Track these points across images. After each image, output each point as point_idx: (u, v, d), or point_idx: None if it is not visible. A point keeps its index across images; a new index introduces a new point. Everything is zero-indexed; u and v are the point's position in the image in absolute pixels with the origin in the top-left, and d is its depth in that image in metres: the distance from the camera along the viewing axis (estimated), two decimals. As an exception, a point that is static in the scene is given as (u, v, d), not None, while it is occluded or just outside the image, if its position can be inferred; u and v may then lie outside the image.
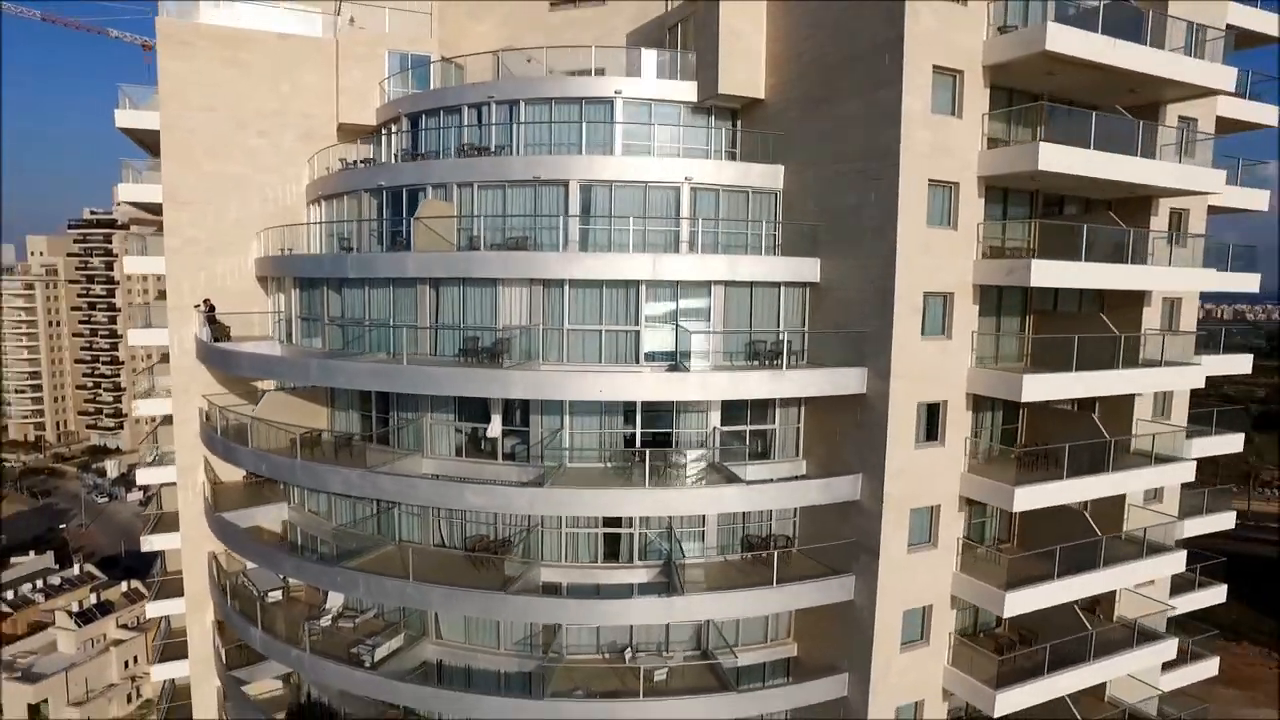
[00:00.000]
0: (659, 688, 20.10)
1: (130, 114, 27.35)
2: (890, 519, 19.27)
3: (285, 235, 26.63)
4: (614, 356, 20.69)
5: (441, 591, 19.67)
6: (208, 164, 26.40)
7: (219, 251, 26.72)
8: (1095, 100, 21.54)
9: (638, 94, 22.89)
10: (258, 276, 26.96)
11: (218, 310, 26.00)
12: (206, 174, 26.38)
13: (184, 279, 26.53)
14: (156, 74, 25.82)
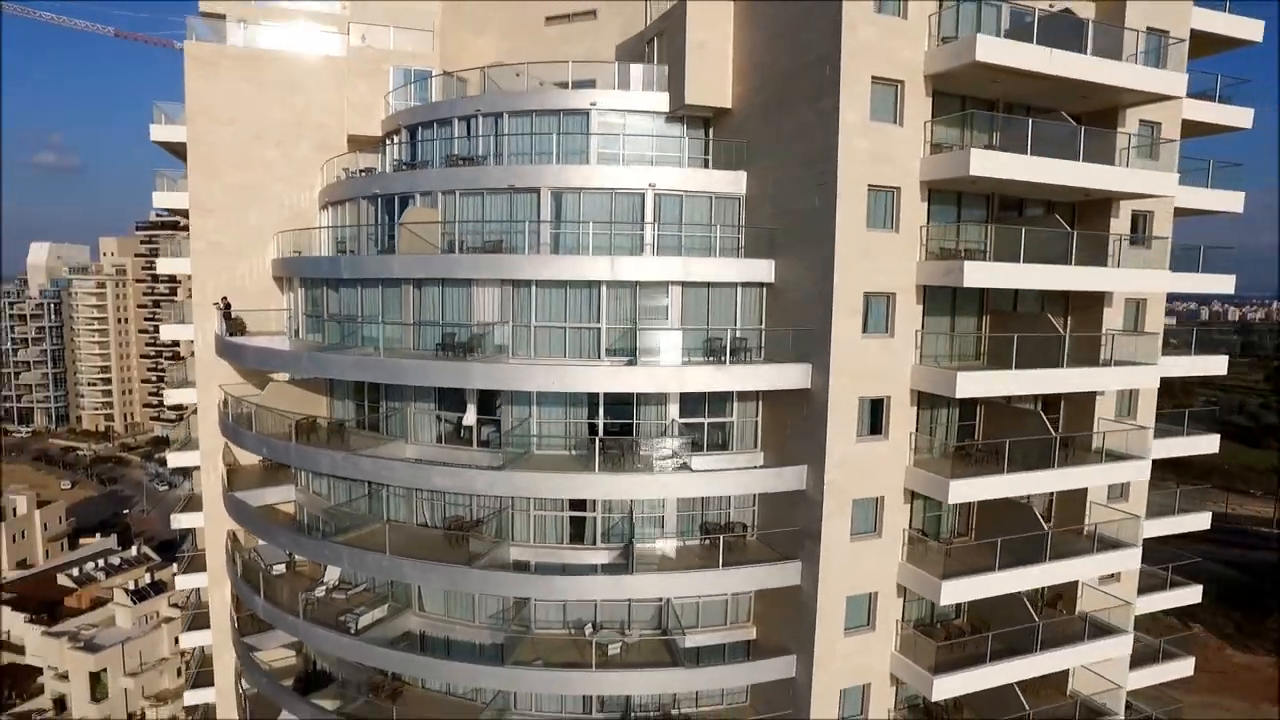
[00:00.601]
0: (614, 661, 21.48)
1: (164, 128, 29.90)
2: (831, 508, 20.27)
3: (297, 238, 28.81)
4: (578, 352, 22.14)
5: (412, 564, 21.47)
6: (229, 174, 28.72)
7: (239, 254, 29.04)
8: (1053, 104, 22.15)
9: (612, 105, 24.27)
10: (274, 276, 29.19)
11: (234, 308, 28.31)
12: (228, 183, 28.71)
13: (208, 279, 28.93)
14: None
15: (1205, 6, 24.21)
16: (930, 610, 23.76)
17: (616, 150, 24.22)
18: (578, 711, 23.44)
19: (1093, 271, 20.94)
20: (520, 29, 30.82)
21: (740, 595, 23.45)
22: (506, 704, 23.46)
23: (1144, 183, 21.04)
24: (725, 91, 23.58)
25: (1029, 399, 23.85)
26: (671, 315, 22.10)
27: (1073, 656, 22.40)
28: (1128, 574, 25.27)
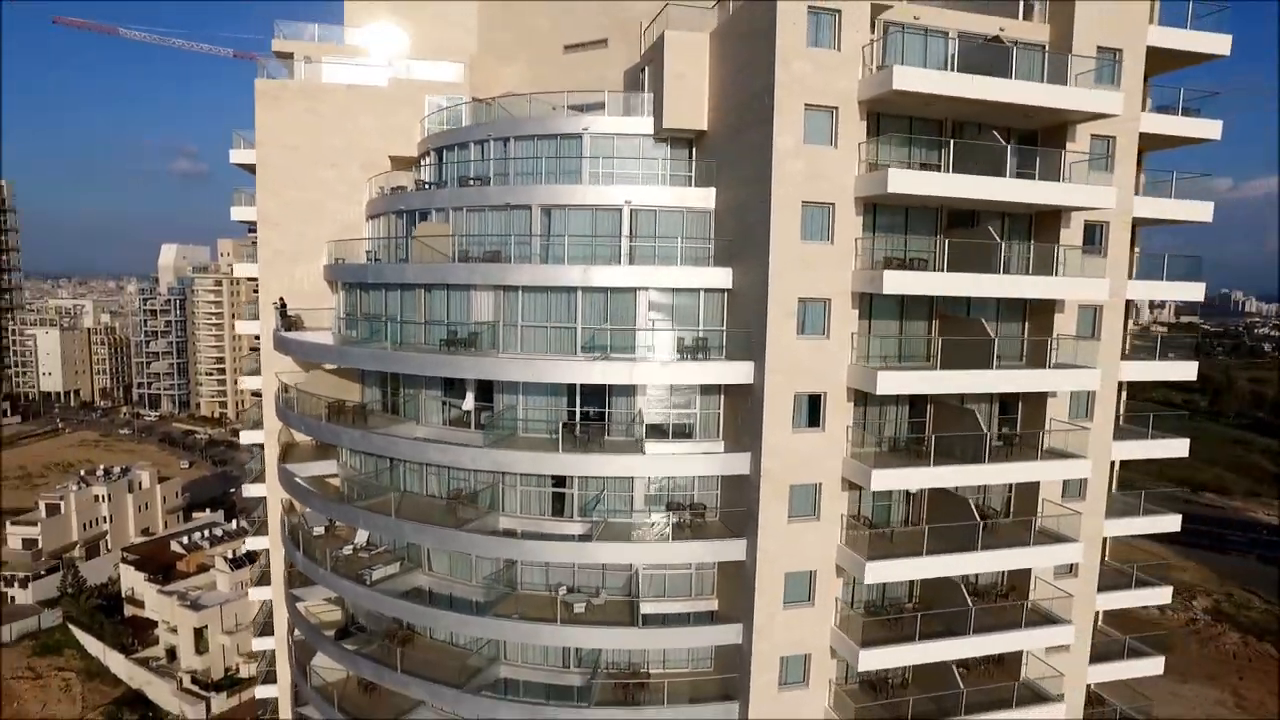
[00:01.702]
0: (580, 618, 24.49)
1: (240, 152, 34.81)
2: (768, 491, 22.61)
3: (343, 247, 33.14)
4: (558, 348, 25.24)
5: (413, 526, 25.19)
6: (291, 191, 33.29)
7: (298, 260, 33.60)
8: (1001, 123, 23.81)
9: (603, 130, 27.22)
10: (325, 280, 33.65)
11: (291, 307, 32.89)
12: (290, 199, 33.29)
13: (272, 281, 33.64)
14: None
15: (1203, 11, 24.93)
16: (881, 593, 25.67)
17: (609, 170, 27.16)
18: (557, 665, 26.59)
19: (1017, 279, 22.49)
20: (542, 57, 34.19)
21: (704, 571, 25.98)
22: (497, 654, 26.89)
23: (1070, 196, 22.38)
24: (701, 116, 26.08)
25: (983, 399, 25.45)
26: (639, 317, 24.86)
27: (1006, 641, 23.88)
28: (1086, 571, 26.29)
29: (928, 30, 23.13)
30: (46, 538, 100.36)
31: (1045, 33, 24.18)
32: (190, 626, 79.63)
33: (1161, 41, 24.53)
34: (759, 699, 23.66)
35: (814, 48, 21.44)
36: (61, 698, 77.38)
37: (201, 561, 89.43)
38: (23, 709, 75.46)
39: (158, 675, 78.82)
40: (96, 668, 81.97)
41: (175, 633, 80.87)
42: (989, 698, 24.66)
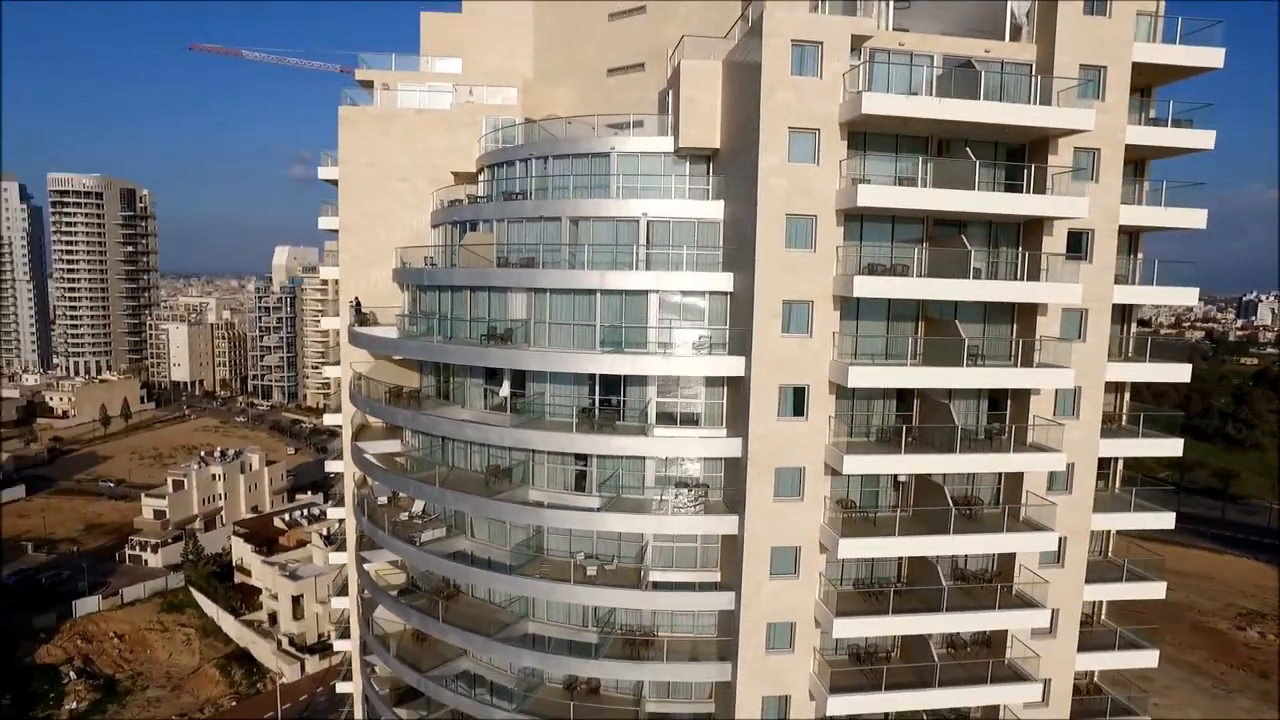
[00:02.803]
0: (593, 580, 27.80)
1: (327, 169, 39.89)
2: (754, 472, 25.29)
3: (410, 253, 37.62)
4: (581, 343, 28.60)
5: (453, 495, 29.17)
6: (367, 203, 38.08)
7: (373, 264, 38.32)
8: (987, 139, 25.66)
9: (628, 149, 30.38)
10: (394, 281, 38.24)
11: (365, 305, 37.62)
12: (366, 210, 38.08)
13: (351, 283, 38.52)
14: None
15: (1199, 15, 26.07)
16: (870, 572, 27.85)
17: (632, 184, 30.32)
18: (578, 625, 29.98)
19: (985, 284, 24.42)
20: (589, 81, 37.78)
21: (709, 546, 28.76)
22: (526, 611, 30.54)
23: (1037, 206, 24.16)
24: (714, 136, 28.83)
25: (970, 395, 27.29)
26: (650, 317, 27.92)
27: (979, 620, 25.74)
28: (1073, 561, 27.60)
29: (912, 55, 25.25)
30: (173, 510, 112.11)
31: (1032, 52, 25.79)
32: (289, 595, 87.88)
33: (1149, 58, 25.67)
34: (747, 660, 26.35)
35: (798, 76, 23.97)
36: (183, 649, 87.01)
37: (300, 537, 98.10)
38: (153, 655, 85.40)
39: (261, 636, 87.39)
40: (211, 626, 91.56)
41: (276, 599, 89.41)
42: (969, 674, 26.43)
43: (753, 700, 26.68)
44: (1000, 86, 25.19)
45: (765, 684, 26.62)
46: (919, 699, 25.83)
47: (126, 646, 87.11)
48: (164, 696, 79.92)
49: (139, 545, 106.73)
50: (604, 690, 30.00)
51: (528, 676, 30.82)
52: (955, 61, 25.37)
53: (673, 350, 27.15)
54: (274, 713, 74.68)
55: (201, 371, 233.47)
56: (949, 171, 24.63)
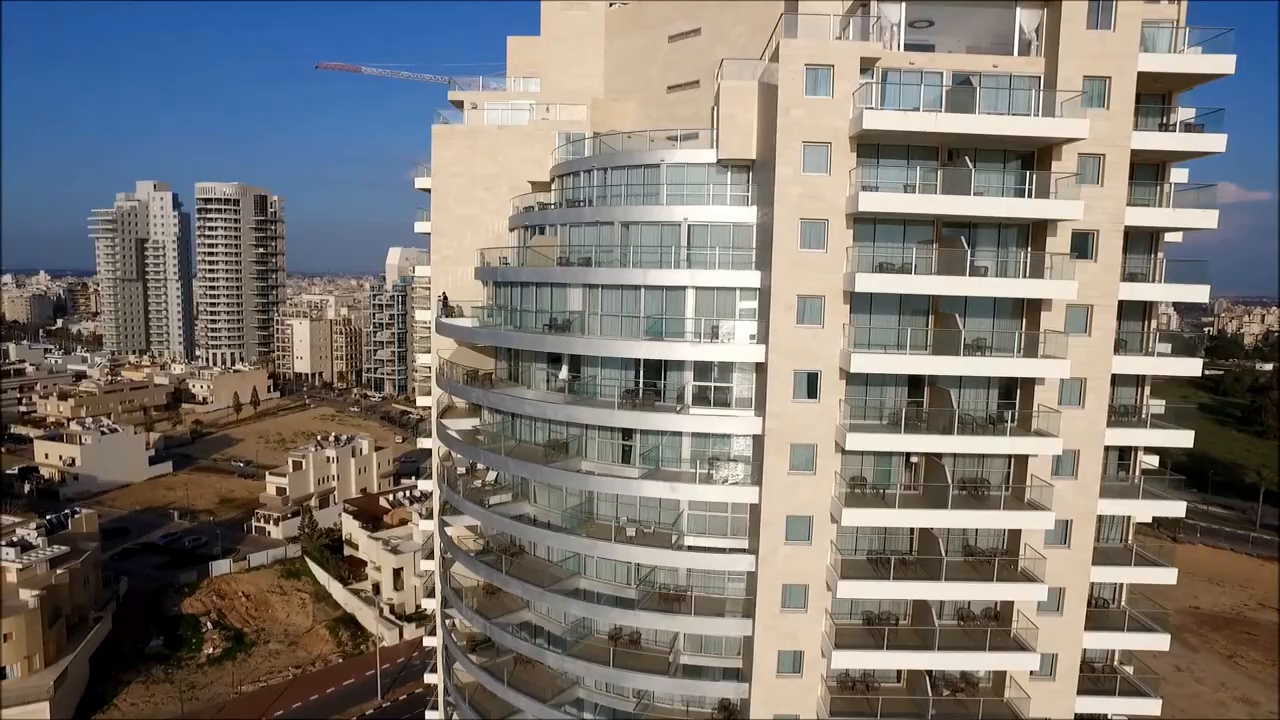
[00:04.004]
0: (632, 540, 31.63)
1: (421, 179, 45.49)
2: (771, 447, 28.47)
3: (488, 253, 42.58)
4: (628, 333, 32.44)
5: (516, 463, 33.71)
6: (455, 209, 43.32)
7: (460, 263, 43.54)
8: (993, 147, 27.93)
9: (676, 160, 34.08)
10: (476, 278, 43.31)
11: (451, 299, 42.85)
12: (455, 215, 43.33)
13: (440, 280, 43.89)
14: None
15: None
16: (883, 544, 30.41)
17: (679, 192, 33.96)
18: (621, 582, 33.88)
19: (979, 280, 26.63)
20: (651, 96, 41.76)
21: (739, 517, 31.96)
22: (578, 569, 34.74)
23: (1027, 209, 26.34)
24: (750, 148, 32.00)
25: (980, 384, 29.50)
26: (688, 309, 31.45)
27: (973, 590, 27.95)
28: (1079, 543, 29.23)
29: (923, 73, 27.78)
30: (292, 488, 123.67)
31: (1040, 66, 27.78)
32: (390, 567, 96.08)
33: (1155, 67, 27.20)
34: (764, 617, 29.53)
35: (811, 96, 27.03)
36: (299, 611, 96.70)
37: (402, 516, 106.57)
38: (273, 614, 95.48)
39: (365, 604, 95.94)
40: (322, 592, 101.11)
41: (379, 571, 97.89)
42: (971, 641, 28.65)
43: (769, 653, 29.83)
44: (1009, 99, 27.36)
45: (780, 639, 29.71)
46: (920, 659, 28.30)
47: (252, 605, 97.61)
48: (282, 650, 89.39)
49: (263, 518, 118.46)
50: (643, 642, 33.77)
51: (577, 626, 34.98)
52: (963, 77, 27.71)
53: (703, 338, 30.61)
54: (374, 671, 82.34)
55: (321, 364, 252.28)
56: (953, 179, 27.03)
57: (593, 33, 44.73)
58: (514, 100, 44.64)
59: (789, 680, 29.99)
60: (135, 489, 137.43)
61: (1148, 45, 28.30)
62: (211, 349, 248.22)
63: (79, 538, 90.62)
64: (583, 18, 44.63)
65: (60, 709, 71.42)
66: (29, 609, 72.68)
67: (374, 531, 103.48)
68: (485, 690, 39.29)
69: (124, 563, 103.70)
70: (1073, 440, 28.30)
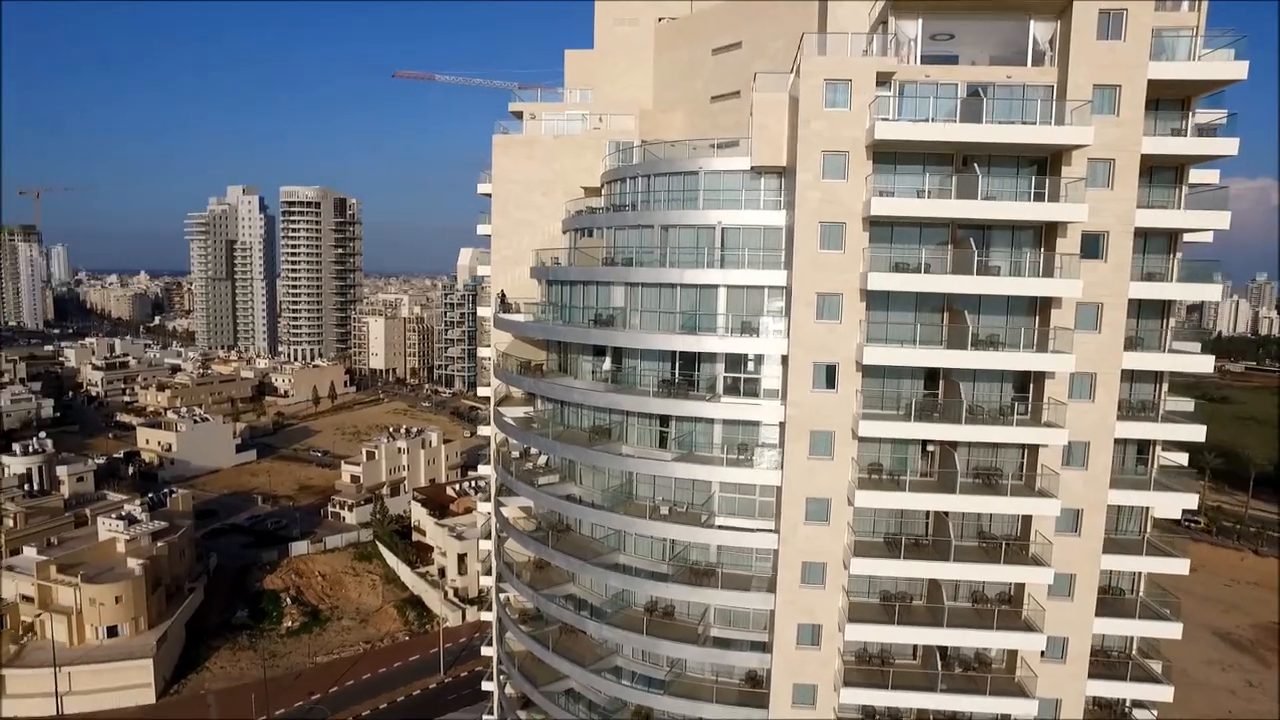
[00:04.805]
0: (666, 518, 34.35)
1: (484, 185, 49.17)
2: (792, 433, 30.78)
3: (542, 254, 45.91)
4: (665, 328, 35.16)
5: (561, 445, 36.86)
6: (514, 213, 46.84)
7: (517, 263, 47.05)
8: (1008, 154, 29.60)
9: (713, 167, 36.61)
10: (531, 277, 46.72)
11: (509, 297, 46.40)
12: (513, 218, 46.87)
13: (499, 279, 47.50)
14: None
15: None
16: (900, 526, 32.28)
17: (716, 197, 36.48)
18: (658, 557, 36.61)
19: (984, 279, 28.34)
20: (696, 107, 44.47)
21: (766, 500, 34.32)
22: (618, 545, 37.66)
23: (1029, 212, 27.94)
24: (780, 156, 34.21)
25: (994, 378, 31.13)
26: (720, 306, 33.98)
27: (980, 572, 29.58)
28: (1090, 532, 30.51)
29: (937, 85, 29.64)
30: (366, 476, 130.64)
31: (1053, 75, 29.29)
32: (455, 553, 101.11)
33: (1167, 75, 28.34)
34: (784, 591, 31.86)
35: (830, 108, 29.25)
36: (369, 591, 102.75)
37: (468, 505, 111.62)
38: (346, 593, 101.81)
39: (431, 586, 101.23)
40: (391, 575, 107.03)
41: (445, 556, 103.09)
42: (980, 621, 30.31)
43: (789, 625, 32.13)
44: (1022, 108, 28.98)
45: (800, 612, 31.97)
46: (929, 635, 30.15)
47: (327, 584, 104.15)
48: (353, 627, 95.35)
49: (338, 504, 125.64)
50: (676, 615, 36.46)
51: (617, 599, 37.90)
52: (977, 88, 29.44)
53: (732, 332, 33.11)
54: (438, 649, 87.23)
55: (395, 360, 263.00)
56: (966, 184, 28.81)
57: (642, 47, 47.71)
58: (569, 111, 48.00)
59: (808, 652, 32.20)
60: (223, 474, 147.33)
61: (1166, 53, 29.49)
62: (293, 345, 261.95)
63: (175, 515, 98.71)
64: (633, 33, 47.65)
65: (161, 667, 78.47)
66: (135, 576, 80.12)
67: (440, 519, 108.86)
68: (534, 658, 42.65)
69: (213, 541, 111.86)
70: (1084, 432, 29.68)
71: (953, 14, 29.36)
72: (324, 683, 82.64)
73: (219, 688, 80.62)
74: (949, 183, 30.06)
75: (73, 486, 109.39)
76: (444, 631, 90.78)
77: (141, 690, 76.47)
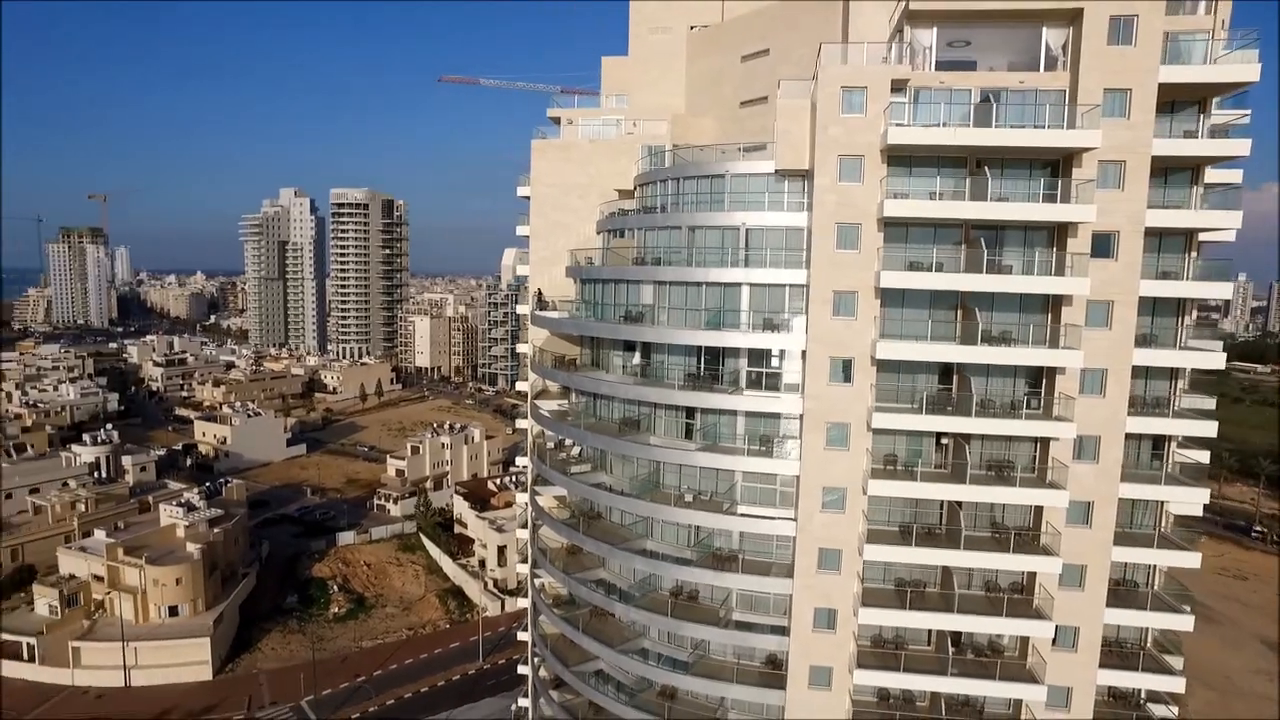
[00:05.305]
0: (690, 505, 36.06)
1: (523, 188, 51.48)
2: (809, 424, 32.26)
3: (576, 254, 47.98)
4: (691, 324, 36.88)
5: (592, 435, 38.84)
6: (550, 214, 49.00)
7: (554, 263, 49.18)
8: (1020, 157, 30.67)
9: (738, 171, 38.25)
10: (567, 276, 48.83)
11: (545, 294, 48.56)
12: (549, 220, 49.03)
13: (537, 278, 49.69)
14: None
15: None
16: (914, 515, 33.48)
17: (741, 199, 38.09)
18: (683, 544, 38.34)
19: (991, 277, 29.49)
20: (725, 112, 46.09)
21: (787, 490, 35.81)
22: (645, 531, 39.50)
23: (1036, 212, 29.00)
24: (803, 159, 35.60)
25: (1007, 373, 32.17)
26: (743, 303, 35.57)
27: (988, 560, 30.63)
28: (1101, 524, 31.33)
29: (951, 91, 30.82)
30: (410, 471, 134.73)
31: (1065, 80, 30.26)
32: (495, 545, 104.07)
33: (1177, 78, 29.11)
34: (801, 576, 33.34)
35: (846, 114, 30.68)
36: (412, 581, 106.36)
37: (508, 499, 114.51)
38: (390, 582, 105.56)
39: (471, 577, 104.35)
40: (434, 565, 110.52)
41: (485, 548, 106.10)
42: (991, 608, 31.38)
43: (806, 609, 33.59)
44: (1034, 112, 30.01)
45: (816, 596, 33.40)
46: (939, 620, 31.33)
47: (372, 573, 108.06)
48: (397, 614, 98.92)
49: (383, 497, 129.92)
50: (700, 599, 38.14)
51: (644, 583, 39.72)
52: (991, 93, 30.55)
53: (754, 329, 34.68)
54: (477, 637, 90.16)
55: (440, 359, 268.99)
56: (979, 186, 29.96)
57: (674, 55, 49.48)
58: (604, 116, 50.04)
59: (823, 635, 33.63)
60: (274, 467, 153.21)
61: (1183, 56, 30.24)
62: (341, 343, 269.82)
63: (230, 504, 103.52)
64: (666, 41, 49.46)
65: (218, 646, 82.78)
66: (194, 559, 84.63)
67: (481, 512, 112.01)
68: (565, 640, 44.72)
69: (264, 530, 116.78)
70: (1094, 427, 30.57)
71: (965, 23, 30.53)
72: (369, 666, 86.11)
73: (270, 667, 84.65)
74: (963, 185, 31.21)
75: (136, 475, 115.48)
76: (483, 620, 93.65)
77: (199, 667, 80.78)
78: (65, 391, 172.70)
